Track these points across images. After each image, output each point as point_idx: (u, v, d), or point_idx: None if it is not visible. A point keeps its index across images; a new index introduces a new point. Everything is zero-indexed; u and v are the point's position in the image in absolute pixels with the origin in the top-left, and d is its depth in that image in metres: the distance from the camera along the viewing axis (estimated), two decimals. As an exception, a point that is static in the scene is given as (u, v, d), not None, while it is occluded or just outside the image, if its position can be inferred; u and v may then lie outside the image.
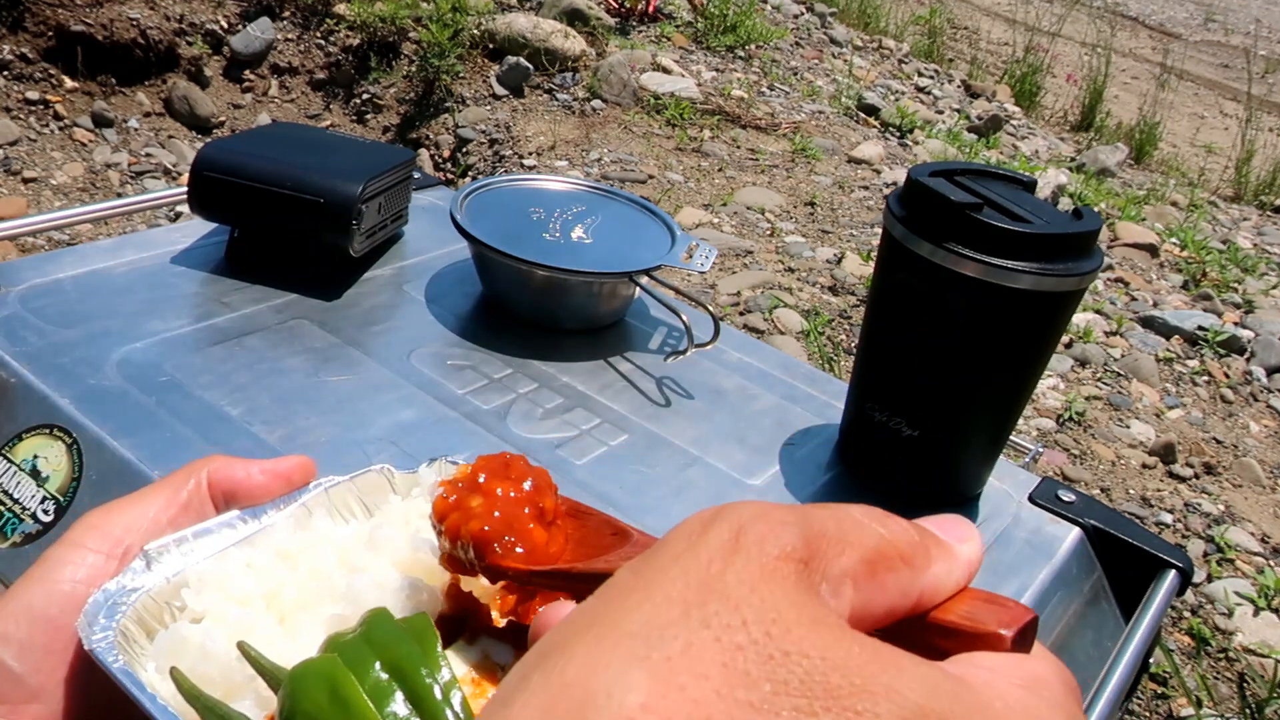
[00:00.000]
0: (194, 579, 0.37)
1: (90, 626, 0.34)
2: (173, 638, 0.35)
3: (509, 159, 2.90)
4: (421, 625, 0.34)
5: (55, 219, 0.86)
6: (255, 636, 0.35)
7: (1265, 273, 2.98)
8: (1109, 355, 2.32)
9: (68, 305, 0.73)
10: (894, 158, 3.26)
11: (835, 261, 2.52)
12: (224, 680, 0.34)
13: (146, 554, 0.37)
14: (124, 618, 0.35)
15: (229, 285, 0.79)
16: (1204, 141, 4.91)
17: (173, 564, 0.37)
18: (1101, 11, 6.62)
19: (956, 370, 0.63)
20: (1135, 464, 1.97)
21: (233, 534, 0.39)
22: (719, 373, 0.81)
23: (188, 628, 0.35)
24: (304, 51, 3.41)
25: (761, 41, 3.93)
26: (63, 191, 2.75)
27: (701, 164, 2.97)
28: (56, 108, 2.97)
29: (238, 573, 0.37)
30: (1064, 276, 0.59)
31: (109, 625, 0.34)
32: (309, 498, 0.41)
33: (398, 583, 0.37)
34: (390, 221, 0.87)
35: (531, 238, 0.80)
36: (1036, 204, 0.63)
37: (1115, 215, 3.18)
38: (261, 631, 0.36)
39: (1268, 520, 1.88)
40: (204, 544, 0.38)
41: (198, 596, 0.36)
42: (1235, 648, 1.56)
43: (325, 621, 0.36)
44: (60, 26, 3.01)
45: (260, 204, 0.78)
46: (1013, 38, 5.09)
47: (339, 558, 0.38)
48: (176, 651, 0.35)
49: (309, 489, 0.41)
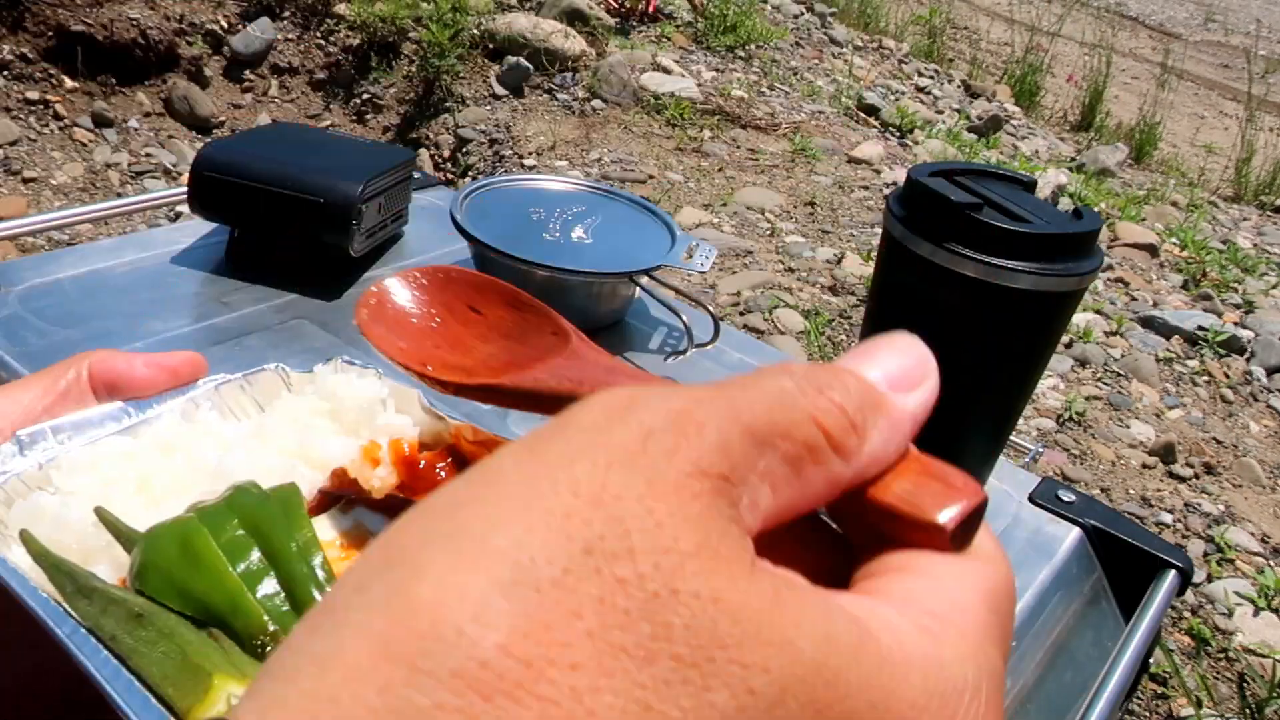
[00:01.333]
0: (65, 463, 0.36)
1: None
2: (29, 506, 0.34)
3: (509, 159, 2.90)
4: (287, 492, 0.34)
5: (55, 219, 0.86)
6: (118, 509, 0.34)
7: (1265, 273, 2.98)
8: (1109, 355, 2.32)
9: (68, 305, 0.73)
10: (894, 158, 3.26)
11: (835, 261, 2.52)
12: (80, 547, 0.33)
13: (18, 439, 0.36)
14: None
15: (229, 285, 0.79)
16: (1204, 141, 4.91)
17: (46, 450, 0.36)
18: (1101, 11, 6.62)
19: (956, 370, 0.63)
20: (1135, 464, 1.97)
21: (114, 425, 0.37)
22: (719, 373, 0.81)
23: (45, 497, 0.35)
24: (304, 51, 3.41)
25: (761, 41, 3.93)
26: (63, 191, 2.75)
27: (701, 164, 2.97)
28: (56, 108, 2.97)
29: (112, 458, 0.36)
30: (1064, 276, 0.59)
31: None
32: (197, 393, 0.39)
33: (273, 462, 0.37)
34: (390, 221, 0.87)
35: (531, 238, 0.80)
36: (1036, 204, 0.63)
37: (1115, 215, 3.18)
38: (125, 506, 0.35)
39: (1268, 520, 1.88)
40: (81, 433, 0.37)
41: (67, 478, 0.35)
42: (1235, 648, 1.56)
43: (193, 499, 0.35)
44: (60, 26, 3.01)
45: (260, 204, 0.78)
46: (1013, 38, 5.09)
47: (223, 447, 0.37)
48: (32, 519, 0.34)
49: (198, 385, 0.40)
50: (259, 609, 0.31)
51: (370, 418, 0.40)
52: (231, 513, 0.33)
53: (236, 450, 0.37)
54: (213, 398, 0.40)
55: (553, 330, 0.35)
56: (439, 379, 0.33)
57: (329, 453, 0.38)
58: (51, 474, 0.36)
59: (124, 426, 0.37)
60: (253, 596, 0.31)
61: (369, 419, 0.40)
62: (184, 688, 0.30)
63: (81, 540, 0.34)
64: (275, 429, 0.39)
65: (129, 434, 0.37)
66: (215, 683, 0.29)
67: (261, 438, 0.39)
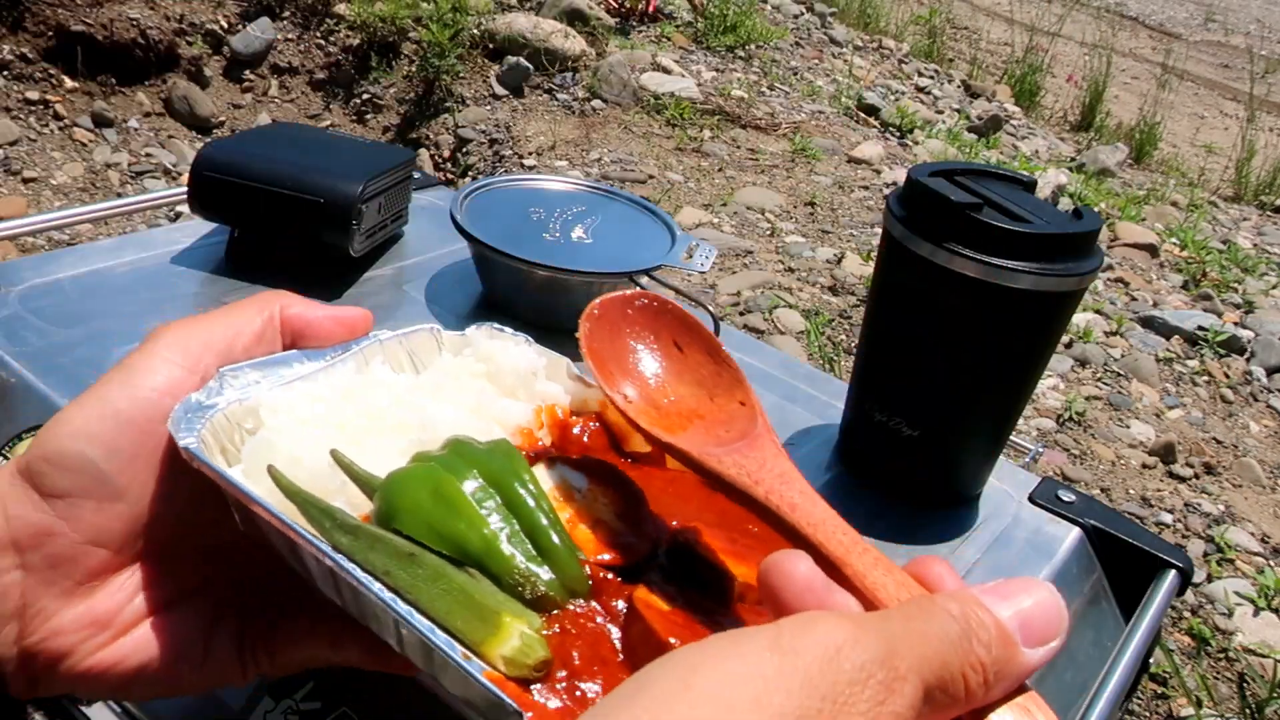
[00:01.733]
0: (267, 403, 0.39)
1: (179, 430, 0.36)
2: (260, 443, 0.37)
3: (509, 159, 2.90)
4: (506, 447, 0.36)
5: (55, 219, 0.86)
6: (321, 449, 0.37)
7: (1265, 273, 2.98)
8: (1109, 355, 2.32)
9: (68, 305, 0.73)
10: (894, 158, 3.26)
11: (835, 261, 2.52)
12: (311, 484, 0.36)
13: (222, 376, 0.39)
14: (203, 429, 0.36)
15: (229, 285, 0.79)
16: (1204, 141, 4.91)
17: (245, 389, 0.39)
18: (1101, 11, 6.62)
19: (956, 370, 0.63)
20: (1135, 464, 1.97)
21: (301, 369, 0.41)
22: (719, 373, 0.80)
23: (275, 434, 0.37)
24: (304, 51, 3.41)
25: (761, 41, 3.93)
26: (63, 191, 2.75)
27: (701, 164, 2.97)
28: (56, 108, 2.97)
29: (306, 402, 0.39)
30: (1064, 276, 0.59)
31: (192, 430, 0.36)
32: (365, 347, 0.43)
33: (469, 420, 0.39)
34: (390, 221, 0.87)
35: (532, 238, 0.80)
36: (1036, 204, 0.63)
37: (1115, 215, 3.18)
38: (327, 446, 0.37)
39: (1268, 520, 1.88)
40: (273, 374, 0.40)
41: (269, 416, 0.38)
42: (1235, 648, 1.56)
43: (402, 447, 0.38)
44: (60, 26, 3.01)
45: (260, 204, 0.78)
46: (1013, 38, 5.09)
47: (393, 400, 0.40)
48: (266, 456, 0.36)
49: (364, 340, 0.43)
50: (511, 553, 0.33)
51: (527, 384, 0.43)
52: (464, 463, 0.35)
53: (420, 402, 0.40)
54: (378, 351, 0.43)
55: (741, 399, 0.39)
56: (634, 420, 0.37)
57: (506, 413, 0.41)
58: (260, 410, 0.39)
59: (308, 373, 0.41)
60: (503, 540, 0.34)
61: (526, 384, 0.43)
62: (472, 623, 0.32)
63: (314, 479, 0.36)
64: (454, 388, 0.42)
65: (312, 380, 0.41)
66: (505, 620, 0.32)
67: (437, 392, 0.41)
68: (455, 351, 0.45)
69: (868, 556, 0.32)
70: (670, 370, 0.40)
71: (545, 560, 0.34)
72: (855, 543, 0.32)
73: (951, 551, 0.65)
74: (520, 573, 0.33)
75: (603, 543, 0.35)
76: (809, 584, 0.29)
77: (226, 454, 0.38)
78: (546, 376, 0.44)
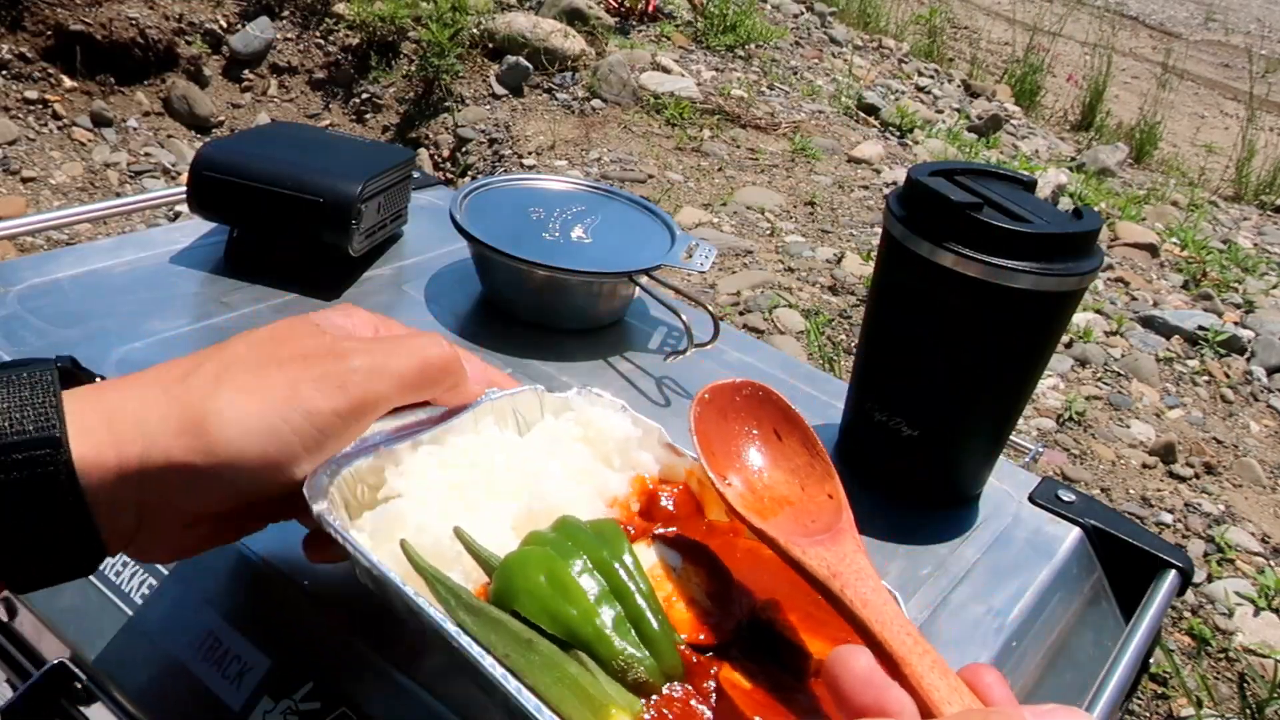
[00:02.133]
0: (392, 462, 0.43)
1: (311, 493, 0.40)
2: (391, 512, 0.41)
3: (509, 159, 2.90)
4: (611, 529, 0.40)
5: (54, 219, 0.86)
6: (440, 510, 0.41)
7: (1265, 272, 2.98)
8: (1109, 355, 2.32)
9: (67, 305, 0.73)
10: (894, 157, 3.26)
11: (835, 261, 2.52)
12: (435, 554, 0.40)
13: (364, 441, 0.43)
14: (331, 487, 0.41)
15: (228, 285, 0.79)
16: (1204, 141, 4.91)
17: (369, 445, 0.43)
18: (1101, 11, 6.62)
19: (956, 370, 0.63)
20: (1135, 464, 1.97)
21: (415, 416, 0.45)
22: (719, 373, 0.80)
23: (404, 504, 0.41)
24: (303, 51, 3.41)
25: (761, 41, 3.93)
26: (62, 191, 2.75)
27: (701, 164, 2.97)
28: (55, 107, 2.97)
29: (430, 462, 0.43)
30: (1064, 276, 0.59)
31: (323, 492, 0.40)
32: (479, 409, 0.47)
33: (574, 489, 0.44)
34: (390, 221, 0.87)
35: (531, 237, 0.80)
36: (1036, 204, 0.63)
37: (1115, 215, 3.18)
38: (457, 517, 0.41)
39: (1268, 520, 1.88)
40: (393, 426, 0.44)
41: (398, 478, 0.42)
42: (1235, 648, 1.56)
43: (514, 511, 0.43)
44: (59, 26, 3.01)
45: (259, 204, 0.78)
46: (1013, 37, 5.09)
47: (507, 463, 0.45)
48: (393, 524, 0.40)
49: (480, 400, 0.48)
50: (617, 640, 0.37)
51: (623, 451, 0.47)
52: (574, 547, 0.39)
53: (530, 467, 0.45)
54: (491, 412, 0.47)
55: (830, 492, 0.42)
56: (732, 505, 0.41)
57: (607, 484, 0.45)
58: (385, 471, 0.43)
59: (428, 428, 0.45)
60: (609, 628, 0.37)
61: (622, 452, 0.47)
62: (581, 711, 0.35)
63: (437, 549, 0.40)
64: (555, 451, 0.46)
65: (435, 441, 0.45)
66: (612, 712, 0.35)
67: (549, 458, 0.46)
68: (557, 414, 0.49)
69: (927, 659, 0.34)
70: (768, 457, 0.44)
71: (647, 646, 0.37)
72: (917, 643, 0.35)
73: (951, 551, 0.65)
74: (624, 658, 0.37)
75: (696, 621, 0.40)
76: (869, 678, 0.32)
77: (349, 507, 0.42)
78: (640, 445, 0.48)
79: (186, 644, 0.51)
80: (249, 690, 0.50)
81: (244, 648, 0.50)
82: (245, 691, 0.50)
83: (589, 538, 0.40)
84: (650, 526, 0.44)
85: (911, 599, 0.60)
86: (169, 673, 0.51)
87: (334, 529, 0.39)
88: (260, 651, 0.50)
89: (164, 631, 0.52)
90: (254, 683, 0.49)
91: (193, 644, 0.51)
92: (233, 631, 0.51)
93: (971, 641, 0.58)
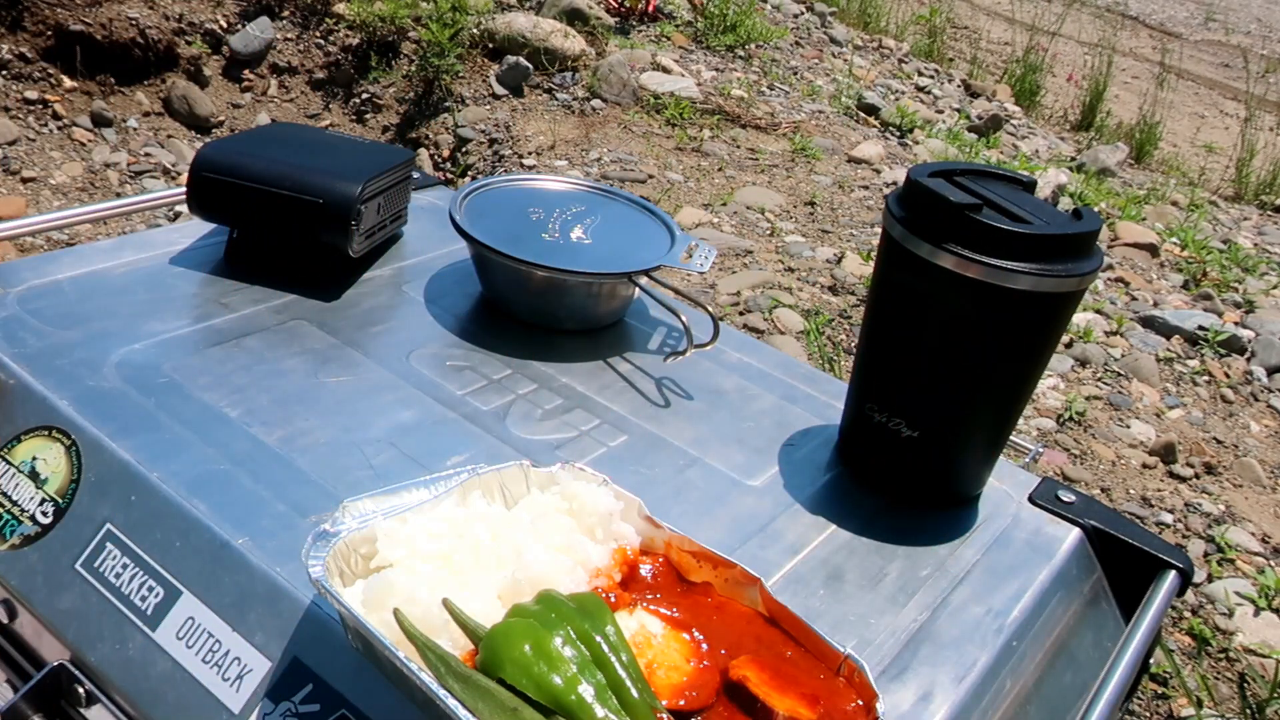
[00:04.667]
0: (383, 532, 0.45)
1: (307, 558, 0.42)
2: (382, 581, 0.43)
3: (509, 159, 2.90)
4: (594, 602, 0.43)
5: (54, 220, 0.86)
6: (428, 579, 0.43)
7: (1266, 272, 2.98)
8: (1109, 355, 2.32)
9: (66, 306, 0.73)
10: (894, 157, 3.26)
11: (835, 261, 2.52)
12: (423, 622, 0.42)
13: (344, 507, 0.45)
14: (327, 556, 0.43)
15: (228, 286, 0.79)
16: (1204, 141, 4.91)
17: (363, 518, 0.46)
18: (1101, 11, 6.62)
19: (956, 371, 0.63)
20: (1135, 464, 1.97)
21: (409, 498, 0.48)
22: (718, 373, 0.80)
23: (395, 574, 0.43)
24: (303, 51, 3.41)
25: (761, 41, 3.93)
26: (62, 191, 2.75)
27: (701, 164, 2.97)
28: (55, 107, 2.97)
29: (419, 534, 0.46)
30: (1063, 277, 0.59)
31: (320, 560, 0.43)
32: (465, 480, 0.50)
33: (558, 559, 0.46)
34: (389, 222, 0.87)
35: (531, 238, 0.80)
36: (1036, 204, 0.63)
37: (1115, 215, 3.18)
38: (445, 586, 0.44)
39: (1268, 520, 1.88)
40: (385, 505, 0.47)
41: (390, 549, 0.45)
42: (1236, 648, 1.56)
43: (500, 584, 0.45)
44: (59, 26, 3.01)
45: (259, 205, 0.78)
46: (1013, 37, 5.08)
47: (493, 534, 0.47)
48: (385, 593, 0.42)
49: (461, 472, 0.50)
50: (598, 709, 0.39)
51: (605, 524, 0.49)
52: (558, 619, 0.41)
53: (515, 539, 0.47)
54: (478, 485, 0.50)
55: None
56: None
57: (589, 556, 0.47)
58: (377, 541, 0.45)
59: (417, 503, 0.47)
60: (591, 696, 0.39)
61: (604, 524, 0.49)
62: None
63: (426, 617, 0.42)
64: (540, 524, 0.48)
65: (420, 513, 0.47)
66: None
67: (534, 531, 0.48)
68: (543, 488, 0.52)
69: None
70: None
71: (627, 712, 0.40)
72: None
73: (951, 552, 0.65)
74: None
75: (675, 687, 0.42)
76: None
77: (343, 576, 0.44)
78: (622, 518, 0.51)
79: (186, 646, 0.51)
80: (248, 692, 0.50)
81: (244, 650, 0.50)
82: (245, 694, 0.50)
83: (571, 610, 0.42)
84: (631, 596, 0.47)
85: (911, 600, 0.60)
86: (168, 675, 0.51)
87: (331, 595, 0.41)
88: (260, 654, 0.50)
89: (164, 633, 0.52)
90: (253, 685, 0.50)
91: (193, 646, 0.51)
92: (233, 634, 0.51)
93: (971, 642, 0.58)
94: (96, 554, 0.56)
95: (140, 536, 0.56)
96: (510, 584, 0.45)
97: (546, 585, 0.44)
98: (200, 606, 0.52)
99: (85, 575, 0.56)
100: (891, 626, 0.58)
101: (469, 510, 0.49)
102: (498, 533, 0.48)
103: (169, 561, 0.54)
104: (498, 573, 0.46)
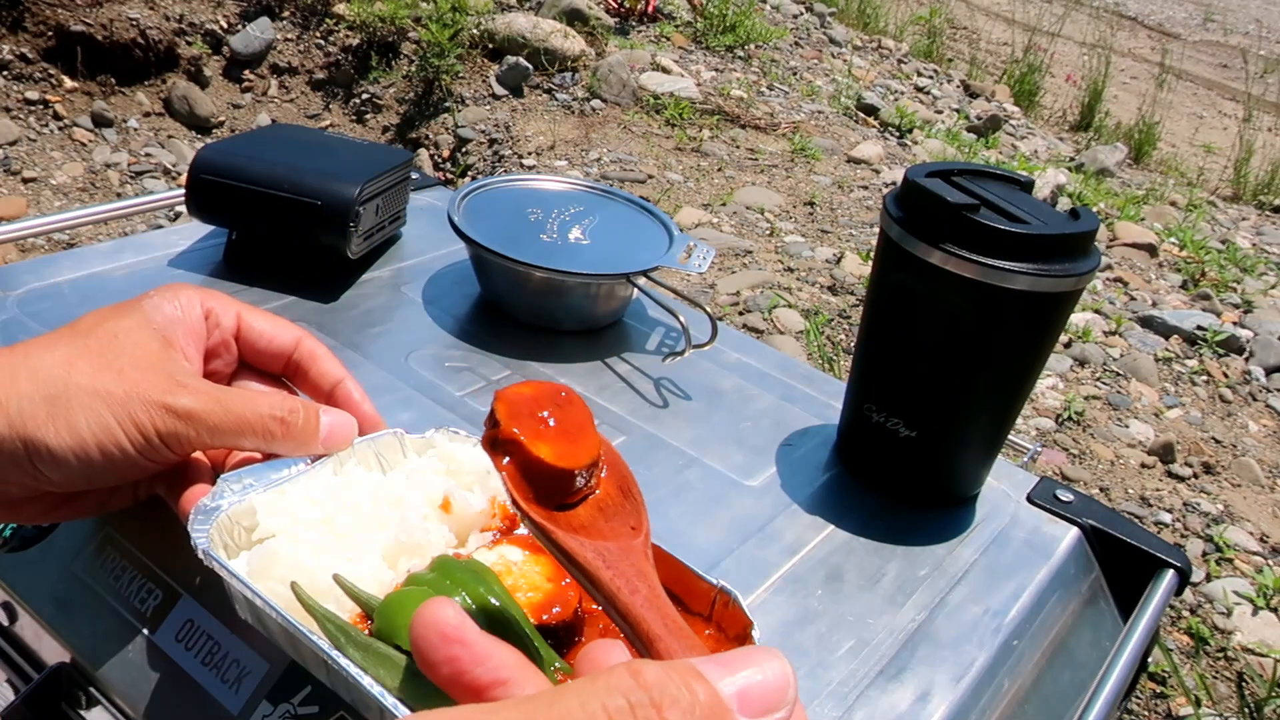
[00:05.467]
0: (262, 505, 0.46)
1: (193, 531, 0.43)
2: (266, 551, 0.44)
3: (508, 159, 2.90)
4: (480, 566, 0.44)
5: (55, 222, 0.86)
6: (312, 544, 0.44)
7: (1264, 272, 2.98)
8: (1108, 355, 2.32)
9: (67, 309, 0.73)
10: (893, 157, 3.27)
11: (834, 261, 2.53)
12: (311, 587, 0.42)
13: (224, 481, 0.46)
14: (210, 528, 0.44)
15: (227, 288, 0.79)
16: (1203, 141, 4.91)
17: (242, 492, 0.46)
18: (1101, 11, 6.63)
19: (954, 371, 0.63)
20: (1134, 464, 1.97)
21: (287, 473, 0.48)
22: (717, 373, 0.81)
23: (278, 543, 0.44)
24: (304, 51, 3.41)
25: (761, 41, 3.93)
26: (62, 191, 2.75)
27: (701, 164, 2.97)
28: (56, 108, 2.97)
29: (299, 502, 0.46)
30: (1061, 277, 0.59)
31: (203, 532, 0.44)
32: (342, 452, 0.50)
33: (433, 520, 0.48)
34: (388, 223, 0.87)
35: (529, 239, 0.80)
36: (1034, 204, 0.63)
37: (1114, 215, 3.18)
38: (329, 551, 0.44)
39: (1266, 520, 1.88)
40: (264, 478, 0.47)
41: (270, 519, 0.45)
42: (1234, 647, 1.56)
43: (383, 544, 0.46)
44: (60, 26, 3.01)
45: (258, 207, 0.78)
46: (1012, 38, 5.09)
47: (371, 496, 0.48)
48: (269, 562, 0.43)
49: None
50: None
51: (483, 480, 0.51)
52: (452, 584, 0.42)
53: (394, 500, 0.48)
54: (353, 455, 0.51)
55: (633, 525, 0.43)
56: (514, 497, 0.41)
57: (468, 506, 0.49)
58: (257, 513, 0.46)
59: (295, 475, 0.48)
60: None
61: (481, 480, 0.50)
62: None
63: (313, 583, 0.43)
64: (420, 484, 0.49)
65: (298, 483, 0.48)
66: None
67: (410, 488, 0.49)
68: (420, 452, 0.52)
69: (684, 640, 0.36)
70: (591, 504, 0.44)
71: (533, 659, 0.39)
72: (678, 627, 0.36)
73: (949, 551, 0.65)
74: None
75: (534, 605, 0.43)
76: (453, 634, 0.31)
77: (228, 549, 0.45)
78: None
79: (186, 648, 0.52)
80: (248, 694, 0.50)
81: (243, 652, 0.51)
82: (244, 695, 0.50)
83: (467, 575, 0.42)
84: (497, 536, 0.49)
85: (909, 599, 0.60)
86: (168, 677, 0.51)
87: (221, 566, 0.42)
88: (259, 656, 0.50)
89: (163, 635, 0.52)
90: (252, 687, 0.50)
91: (192, 648, 0.51)
92: (231, 636, 0.51)
93: (969, 641, 0.58)
94: (97, 556, 0.56)
95: (140, 539, 0.56)
96: (394, 544, 0.45)
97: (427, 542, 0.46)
98: (199, 609, 0.52)
99: (85, 578, 0.56)
100: (890, 626, 0.58)
101: (346, 478, 0.49)
102: (377, 495, 0.48)
103: (168, 564, 0.54)
104: (380, 534, 0.46)
